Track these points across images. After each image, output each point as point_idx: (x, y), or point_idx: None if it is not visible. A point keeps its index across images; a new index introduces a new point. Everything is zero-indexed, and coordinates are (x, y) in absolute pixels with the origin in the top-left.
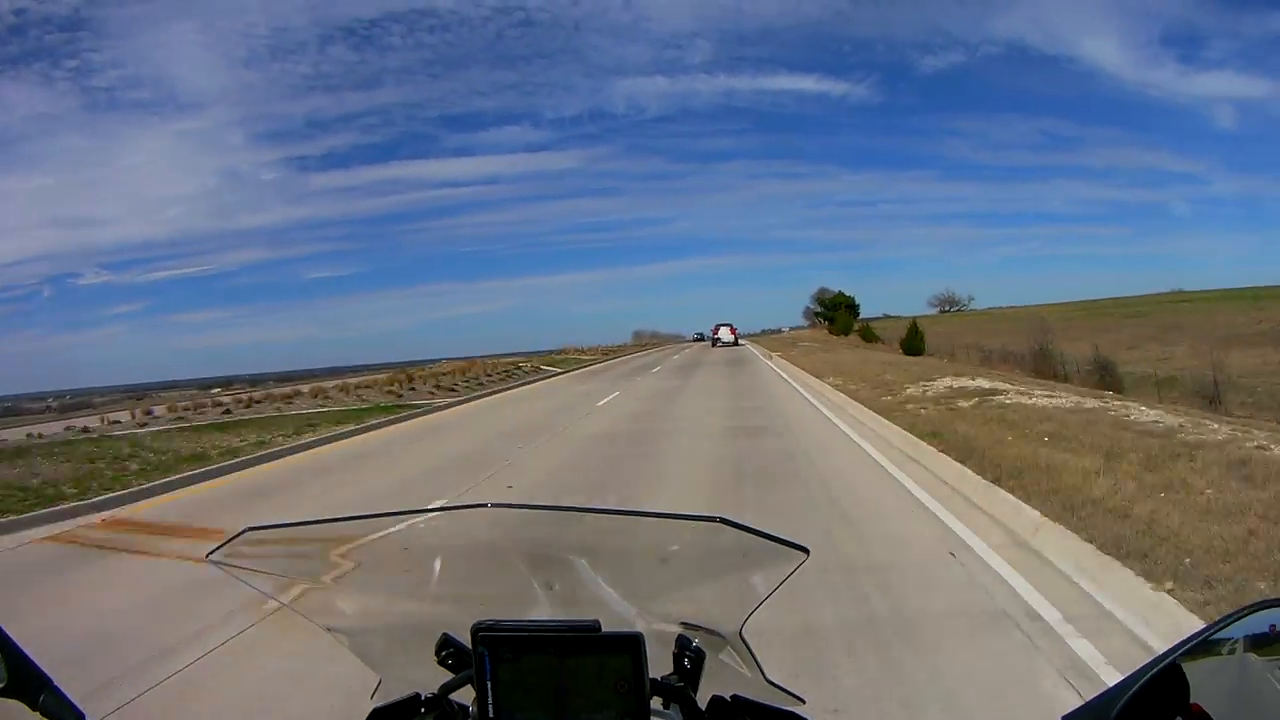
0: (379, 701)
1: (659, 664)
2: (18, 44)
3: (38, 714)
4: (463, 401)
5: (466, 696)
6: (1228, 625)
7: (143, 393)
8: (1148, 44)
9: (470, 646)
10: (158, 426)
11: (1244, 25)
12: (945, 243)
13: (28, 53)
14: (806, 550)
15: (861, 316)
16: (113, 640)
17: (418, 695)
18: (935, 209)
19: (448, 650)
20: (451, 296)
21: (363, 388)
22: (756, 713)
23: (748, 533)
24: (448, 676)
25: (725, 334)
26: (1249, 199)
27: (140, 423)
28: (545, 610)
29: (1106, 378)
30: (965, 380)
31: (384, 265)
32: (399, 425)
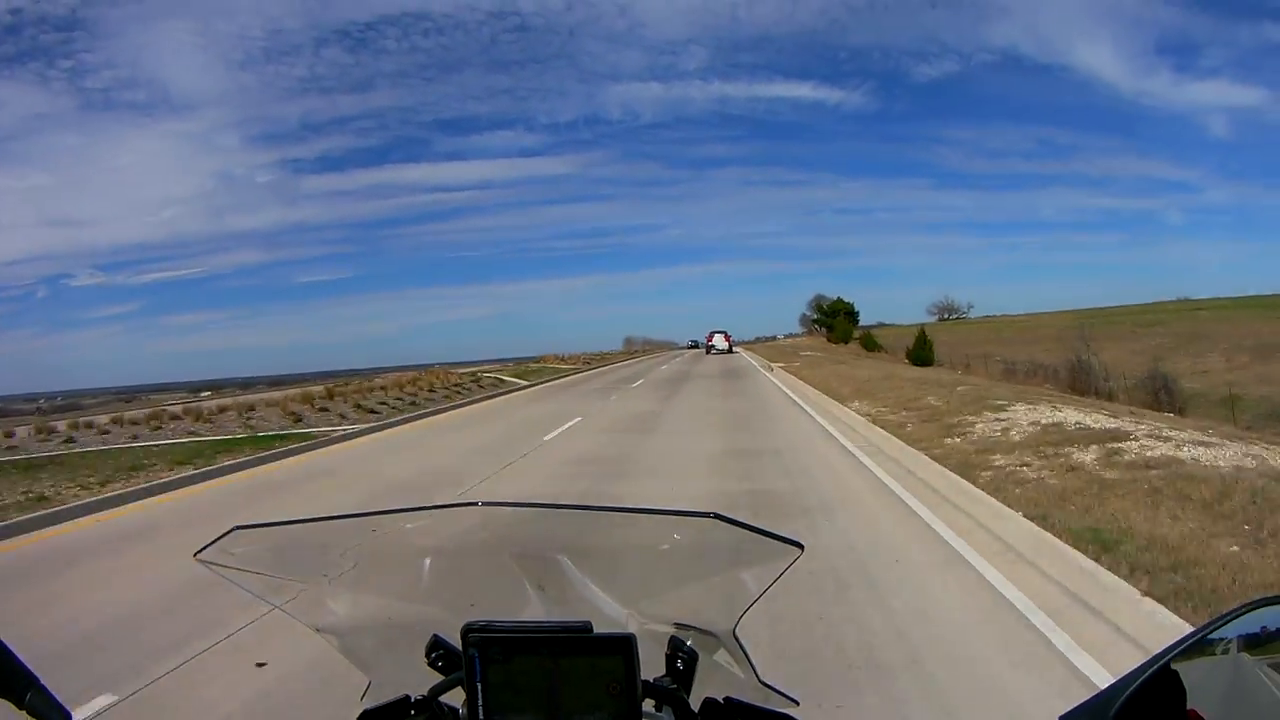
0: (369, 704)
1: (651, 665)
2: (13, 44)
3: (24, 713)
4: (374, 430)
5: (457, 698)
6: (1221, 625)
7: (133, 395)
8: (1143, 53)
9: (460, 648)
10: None
11: (1239, 34)
12: (940, 250)
13: (23, 53)
14: (801, 545)
15: (859, 324)
16: None
17: (408, 698)
18: (930, 216)
19: (438, 652)
20: (444, 301)
21: (269, 405)
22: (750, 715)
23: (742, 528)
24: (438, 678)
25: (719, 341)
26: (1243, 207)
27: None
28: (536, 611)
29: (1163, 396)
30: (1044, 408)
31: (377, 269)
32: (225, 479)
